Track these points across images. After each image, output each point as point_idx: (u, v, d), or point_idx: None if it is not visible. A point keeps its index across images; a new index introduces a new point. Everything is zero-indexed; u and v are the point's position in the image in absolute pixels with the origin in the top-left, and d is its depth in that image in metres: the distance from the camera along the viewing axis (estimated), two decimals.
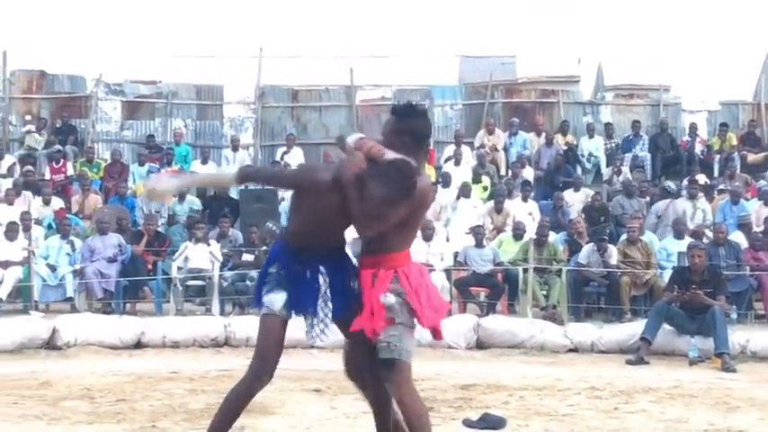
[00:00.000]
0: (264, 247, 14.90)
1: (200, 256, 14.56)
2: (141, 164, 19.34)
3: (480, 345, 10.95)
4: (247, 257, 14.91)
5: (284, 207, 17.07)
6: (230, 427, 5.21)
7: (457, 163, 18.68)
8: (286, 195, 17.63)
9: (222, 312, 13.89)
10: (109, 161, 19.42)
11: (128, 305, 14.33)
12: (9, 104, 21.49)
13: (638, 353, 10.50)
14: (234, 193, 17.99)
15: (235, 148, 20.40)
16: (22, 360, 9.47)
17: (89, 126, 21.25)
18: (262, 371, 5.28)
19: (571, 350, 10.98)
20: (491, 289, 13.97)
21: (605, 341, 11.07)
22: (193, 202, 17.31)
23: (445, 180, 17.44)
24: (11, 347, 10.01)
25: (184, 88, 22.33)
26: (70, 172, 18.50)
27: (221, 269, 14.54)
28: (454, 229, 16.10)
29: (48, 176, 18.33)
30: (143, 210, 16.82)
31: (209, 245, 14.68)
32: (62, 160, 18.65)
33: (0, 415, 6.80)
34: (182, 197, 17.05)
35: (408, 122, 5.19)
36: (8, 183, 17.30)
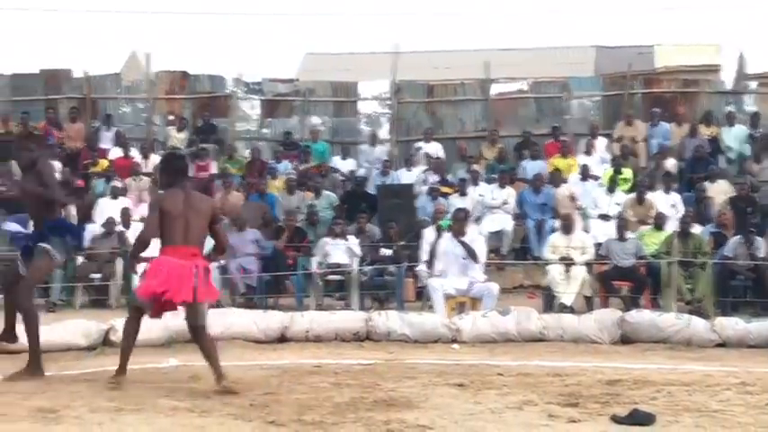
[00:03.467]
0: (402, 242, 14.98)
1: (339, 251, 14.68)
2: (278, 161, 19.62)
3: (625, 339, 10.75)
4: (385, 252, 15.00)
5: (421, 201, 17.12)
6: None
7: (589, 153, 18.45)
8: (423, 190, 17.72)
9: (362, 307, 14.01)
10: (249, 159, 19.76)
11: (269, 300, 14.59)
12: (153, 105, 22.06)
13: None
14: (371, 189, 18.10)
15: (372, 144, 20.54)
16: (172, 353, 9.67)
17: (229, 125, 21.64)
18: None
19: (719, 345, 10.71)
20: (634, 283, 13.74)
21: (755, 336, 10.75)
22: (330, 197, 17.48)
23: (584, 172, 17.24)
24: (161, 341, 10.25)
25: (321, 86, 22.56)
26: (213, 170, 18.87)
27: (360, 264, 14.65)
28: (594, 222, 15.90)
29: (190, 174, 18.70)
30: (283, 206, 17.06)
31: (347, 240, 14.80)
32: (206, 158, 19.04)
33: (153, 407, 6.96)
34: (318, 192, 17.26)
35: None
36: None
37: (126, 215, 16.08)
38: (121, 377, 7.85)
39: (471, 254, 12.40)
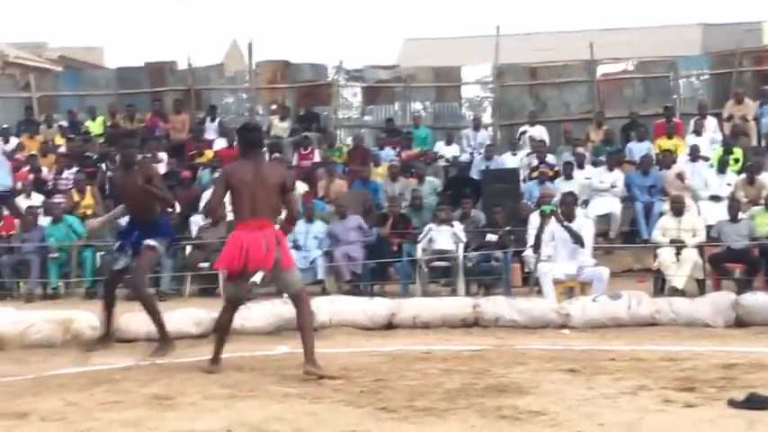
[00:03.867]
0: (508, 227, 14.86)
1: (444, 237, 14.63)
2: (381, 148, 19.65)
3: (739, 323, 10.50)
4: (491, 237, 14.89)
5: (527, 186, 16.97)
6: None
7: (698, 134, 18.07)
8: (526, 174, 17.58)
9: (467, 293, 13.94)
10: (351, 146, 19.83)
11: (374, 287, 14.62)
12: (255, 95, 22.28)
13: None
14: (475, 174, 18.01)
15: (476, 128, 20.44)
16: (281, 341, 9.74)
17: (331, 113, 21.75)
18: None
19: None
20: (747, 265, 13.42)
21: None
22: (433, 183, 17.45)
23: (693, 153, 16.89)
24: (269, 329, 10.34)
25: (422, 71, 22.52)
26: (317, 158, 18.98)
27: (465, 250, 14.58)
28: (705, 203, 15.57)
29: (294, 163, 18.88)
30: (386, 192, 17.07)
31: (452, 226, 14.73)
32: (309, 147, 19.16)
33: (265, 394, 7.02)
34: (421, 178, 17.22)
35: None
36: None
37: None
38: (215, 367, 8.00)
39: (576, 238, 12.23)
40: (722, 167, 16.13)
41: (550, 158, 18.23)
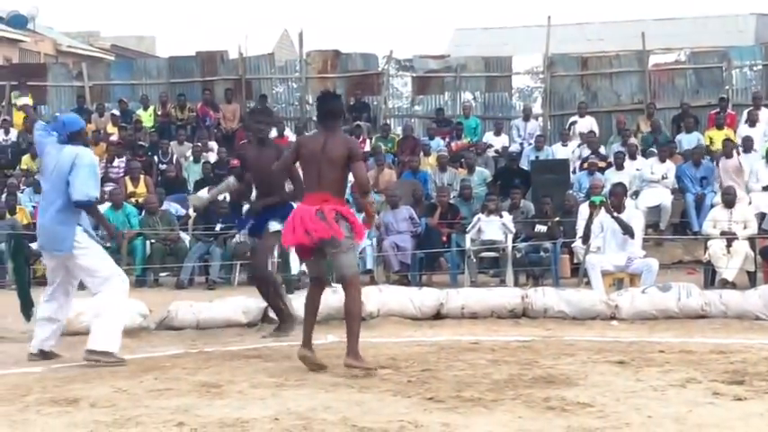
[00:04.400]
0: (557, 218, 14.80)
1: (493, 227, 14.60)
2: (431, 137, 19.63)
3: None
4: (540, 228, 14.84)
5: (577, 177, 16.89)
6: None
7: (752, 125, 17.86)
8: (576, 165, 17.48)
9: (516, 284, 13.91)
10: (401, 136, 19.84)
11: (423, 277, 14.63)
12: (306, 84, 22.35)
13: None
14: (525, 164, 17.95)
15: (526, 118, 20.38)
16: (330, 330, 9.76)
17: (381, 102, 21.77)
18: None
19: None
20: None
21: None
22: (483, 173, 17.41)
23: (746, 144, 16.70)
24: (319, 318, 10.35)
25: (473, 61, 22.47)
26: (367, 148, 19.01)
27: (514, 240, 14.55)
28: (756, 195, 15.41)
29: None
30: (436, 182, 17.07)
31: (501, 216, 14.70)
32: (360, 136, 19.18)
33: (314, 382, 7.05)
34: (471, 168, 17.20)
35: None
36: None
37: None
38: (307, 351, 7.62)
39: (626, 229, 12.15)
40: None
41: (602, 150, 18.13)
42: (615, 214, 12.25)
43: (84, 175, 8.01)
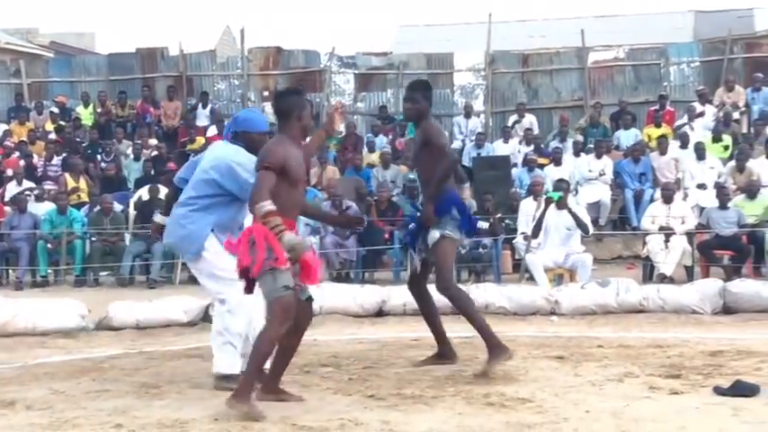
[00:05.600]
0: (499, 215, 14.87)
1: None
2: (375, 135, 19.64)
3: (727, 310, 10.53)
4: (482, 225, 14.89)
5: (517, 173, 16.99)
6: None
7: (690, 121, 18.09)
8: (518, 161, 17.59)
9: (458, 280, 13.94)
10: (344, 134, 19.82)
11: (365, 274, 14.63)
12: (247, 81, 22.26)
13: None
14: (467, 161, 18.02)
15: (467, 115, 20.46)
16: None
17: (324, 99, 21.74)
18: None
19: None
20: (736, 252, 13.46)
21: None
22: None
23: (683, 140, 16.91)
24: None
25: (415, 58, 22.52)
26: None
27: None
28: (694, 191, 15.62)
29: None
30: (378, 179, 17.07)
31: None
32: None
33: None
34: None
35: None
36: None
37: None
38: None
39: (581, 224, 12.28)
40: (700, 154, 16.14)
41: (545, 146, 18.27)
42: (573, 210, 12.36)
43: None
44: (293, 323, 6.16)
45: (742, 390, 6.42)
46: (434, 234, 7.40)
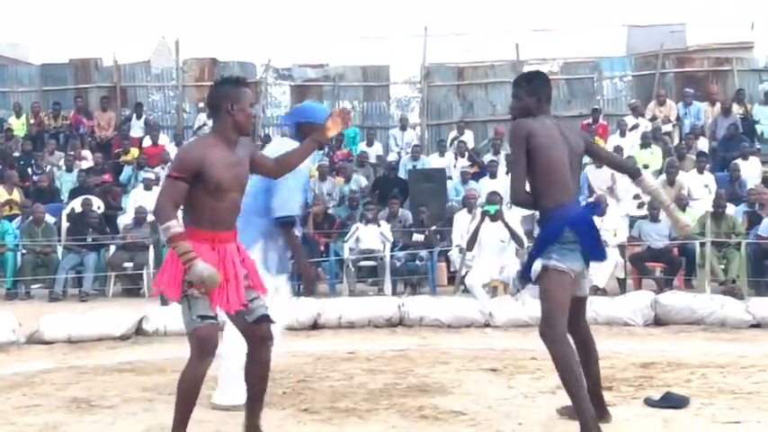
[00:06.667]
0: (434, 227, 14.93)
1: (371, 236, 14.66)
2: None
3: (658, 321, 10.68)
4: (417, 237, 14.97)
5: (452, 185, 17.05)
6: None
7: (622, 134, 18.31)
8: (454, 175, 17.65)
9: (394, 292, 14.00)
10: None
11: (300, 287, 14.56)
12: (182, 92, 22.13)
13: None
14: (402, 173, 18.07)
15: (403, 128, 20.52)
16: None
17: (260, 111, 21.67)
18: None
19: (753, 326, 10.60)
20: (667, 264, 13.65)
21: None
22: (359, 180, 17.46)
23: (617, 153, 17.10)
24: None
25: (351, 70, 22.54)
26: None
27: (392, 249, 14.63)
28: (626, 203, 15.80)
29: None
30: (314, 191, 17.05)
31: (379, 225, 14.77)
32: None
33: None
34: (348, 178, 17.25)
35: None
36: None
37: None
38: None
39: (516, 237, 12.37)
40: None
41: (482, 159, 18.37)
42: (508, 223, 12.45)
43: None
44: (248, 351, 5.56)
45: (672, 401, 6.52)
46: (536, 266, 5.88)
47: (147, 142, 19.60)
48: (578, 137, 6.00)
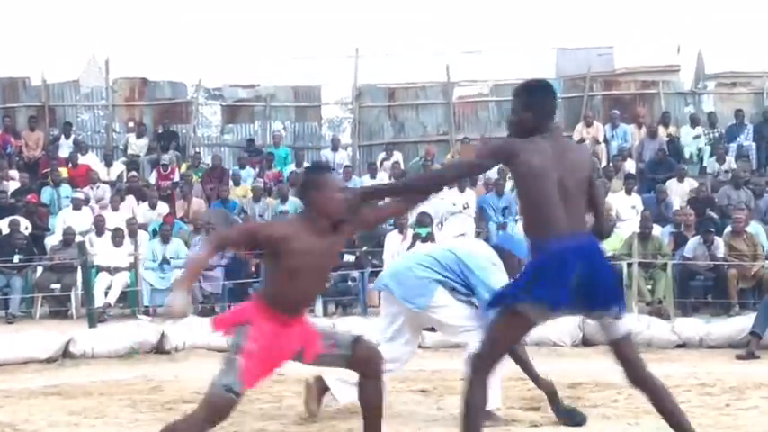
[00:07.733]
0: (365, 248, 14.94)
1: None
2: (241, 167, 19.57)
3: (586, 342, 10.80)
4: (348, 258, 14.97)
5: None
6: None
7: None
8: None
9: (325, 314, 13.99)
10: (209, 166, 19.68)
11: (232, 307, 14.50)
12: (112, 112, 21.94)
13: (749, 347, 10.24)
14: None
15: (335, 149, 20.54)
16: (133, 365, 9.62)
17: (190, 131, 21.58)
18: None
19: (679, 345, 10.78)
20: None
21: (714, 336, 10.84)
22: (296, 202, 17.42)
23: None
24: (122, 352, 10.18)
25: (282, 91, 22.53)
26: (177, 178, 18.77)
27: None
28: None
29: (153, 182, 18.67)
30: (247, 212, 17.00)
31: None
32: (169, 167, 18.93)
33: (114, 419, 6.92)
34: (284, 198, 17.17)
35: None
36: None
37: (100, 223, 15.69)
38: None
39: None
40: None
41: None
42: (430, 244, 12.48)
43: None
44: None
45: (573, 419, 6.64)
46: None
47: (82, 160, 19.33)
48: (582, 159, 5.36)
